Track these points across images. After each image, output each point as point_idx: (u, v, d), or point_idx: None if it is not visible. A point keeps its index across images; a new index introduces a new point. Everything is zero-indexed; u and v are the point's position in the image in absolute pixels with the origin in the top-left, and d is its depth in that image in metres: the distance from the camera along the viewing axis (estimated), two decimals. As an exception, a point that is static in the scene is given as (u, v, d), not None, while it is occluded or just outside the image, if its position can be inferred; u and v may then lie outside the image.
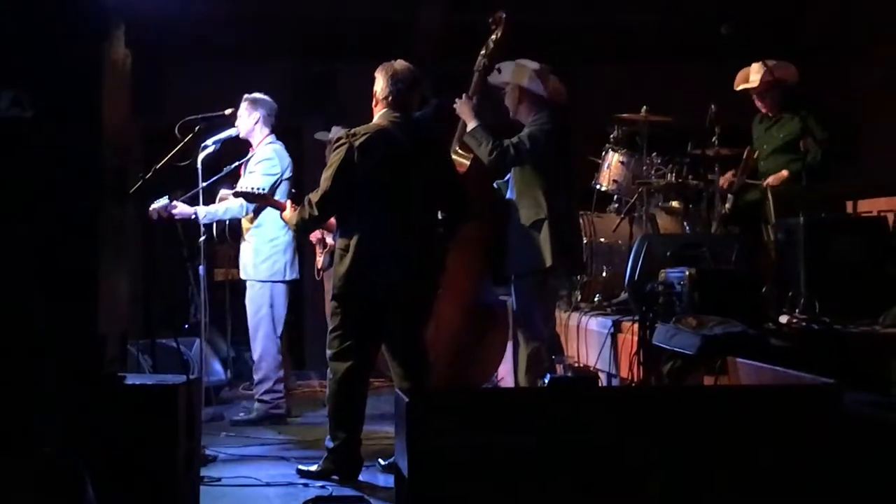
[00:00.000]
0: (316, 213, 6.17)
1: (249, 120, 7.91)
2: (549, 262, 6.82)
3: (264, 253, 7.91)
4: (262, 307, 7.94)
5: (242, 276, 8.04)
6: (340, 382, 6.14)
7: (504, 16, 7.20)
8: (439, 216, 6.39)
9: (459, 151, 7.27)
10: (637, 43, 11.18)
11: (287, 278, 8.00)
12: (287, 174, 7.91)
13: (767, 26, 10.13)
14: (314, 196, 6.16)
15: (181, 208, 7.58)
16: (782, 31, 10.60)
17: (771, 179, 7.91)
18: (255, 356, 8.02)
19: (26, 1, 4.60)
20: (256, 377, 8.04)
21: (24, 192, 4.52)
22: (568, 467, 4.16)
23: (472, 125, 6.99)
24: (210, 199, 7.73)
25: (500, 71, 7.16)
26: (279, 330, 7.99)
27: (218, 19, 10.40)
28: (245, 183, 7.43)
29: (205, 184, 7.40)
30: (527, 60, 7.13)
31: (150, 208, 7.50)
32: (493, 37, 7.22)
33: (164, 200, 7.53)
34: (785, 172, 7.89)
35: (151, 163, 6.27)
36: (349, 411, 6.18)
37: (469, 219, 6.52)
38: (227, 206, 7.78)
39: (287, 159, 7.97)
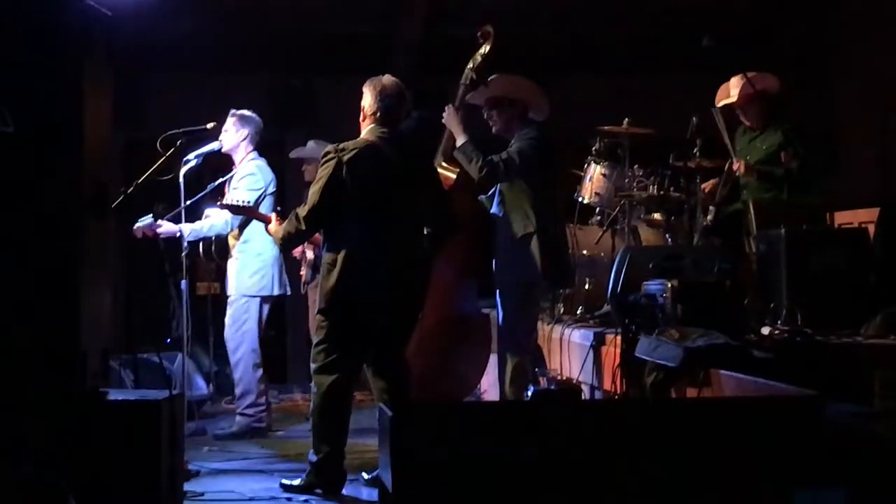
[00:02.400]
0: (303, 227, 6.16)
1: (237, 136, 7.90)
2: (536, 276, 6.82)
3: (252, 267, 7.91)
4: (247, 322, 7.94)
5: (229, 291, 8.02)
6: (325, 396, 6.13)
7: (492, 30, 7.20)
8: (425, 231, 6.39)
9: (445, 165, 7.27)
10: (618, 55, 11.22)
11: (275, 293, 8.01)
12: (271, 189, 7.91)
13: (746, 38, 10.17)
14: (302, 210, 6.15)
15: (166, 226, 7.55)
16: (761, 43, 10.63)
17: (740, 166, 7.90)
18: (237, 371, 8.00)
19: (7, 16, 4.59)
20: (238, 391, 8.02)
21: (6, 207, 4.51)
22: (552, 480, 4.15)
23: (461, 140, 6.95)
24: (193, 215, 7.70)
25: (487, 85, 7.14)
26: (257, 344, 7.99)
27: (198, 33, 10.41)
28: (230, 197, 7.42)
29: (188, 202, 7.39)
30: (513, 75, 7.15)
31: (135, 227, 7.49)
32: (482, 51, 7.20)
33: (148, 219, 7.51)
34: (748, 161, 7.90)
35: (133, 177, 6.25)
36: (333, 425, 6.17)
37: (453, 234, 6.53)
38: (211, 222, 7.77)
39: (270, 175, 7.98)
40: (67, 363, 4.52)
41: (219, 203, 7.28)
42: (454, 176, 7.20)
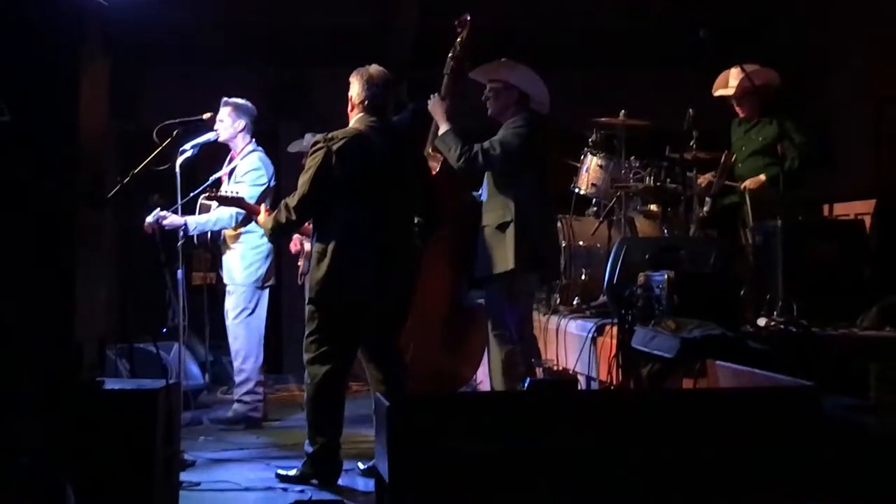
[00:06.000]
0: (294, 217, 6.16)
1: (234, 126, 7.89)
2: (511, 265, 6.81)
3: (249, 258, 7.92)
4: (245, 311, 7.95)
5: (226, 280, 8.03)
6: (319, 386, 6.14)
7: (469, 18, 7.23)
8: (415, 220, 6.39)
9: (431, 154, 7.27)
10: (615, 47, 11.21)
11: (267, 284, 8.01)
12: (272, 183, 7.91)
13: (742, 31, 10.16)
14: (291, 200, 6.15)
15: (171, 219, 7.54)
16: (756, 37, 10.63)
17: (749, 183, 7.94)
18: (237, 359, 8.01)
19: (2, 5, 4.58)
20: (238, 379, 8.02)
21: (1, 197, 4.50)
22: (548, 471, 4.16)
23: (443, 129, 6.97)
24: (189, 207, 7.70)
25: (468, 72, 7.16)
26: (261, 333, 8.00)
27: (194, 24, 10.39)
28: (228, 190, 7.42)
29: (192, 194, 7.40)
30: (519, 64, 7.15)
31: (146, 223, 7.48)
32: (459, 39, 7.24)
33: (156, 212, 7.51)
34: (762, 177, 7.90)
35: (128, 167, 6.24)
36: (328, 415, 6.18)
37: (442, 224, 6.53)
38: (217, 215, 7.77)
39: (272, 168, 7.99)
40: (64, 353, 4.51)
41: (208, 194, 7.28)
42: (437, 165, 7.20)
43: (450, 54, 7.24)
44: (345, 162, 6.05)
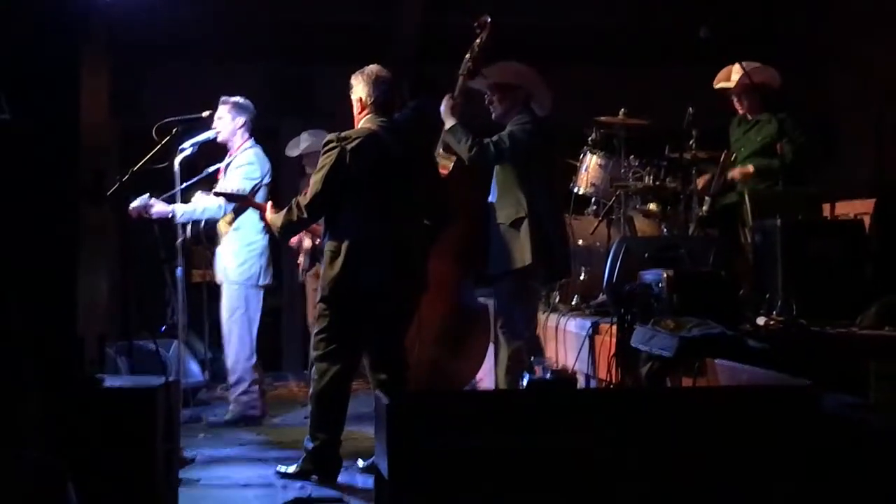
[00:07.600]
0: (305, 215, 6.17)
1: (233, 125, 7.89)
2: (528, 261, 6.81)
3: (242, 256, 7.90)
4: (238, 309, 7.93)
5: (219, 278, 8.03)
6: (325, 384, 6.14)
7: (489, 20, 7.22)
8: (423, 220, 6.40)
9: (442, 154, 7.27)
10: (615, 46, 11.22)
11: (261, 283, 7.99)
12: (266, 179, 7.90)
13: (743, 29, 10.17)
14: (303, 199, 6.15)
15: (158, 207, 7.54)
16: (759, 35, 10.63)
17: (736, 172, 7.93)
18: (230, 358, 8.01)
19: (4, 2, 4.58)
20: (231, 379, 8.03)
21: (2, 195, 4.50)
22: (547, 469, 4.16)
23: (449, 123, 6.98)
24: (187, 202, 7.71)
25: (484, 75, 7.16)
26: (253, 332, 7.99)
27: (195, 21, 10.40)
28: (225, 185, 7.42)
29: (183, 185, 7.38)
30: (520, 63, 7.15)
31: (131, 207, 7.47)
32: (478, 41, 7.23)
33: (144, 198, 7.50)
34: (751, 167, 7.91)
35: (129, 164, 6.25)
36: (332, 413, 6.18)
37: (448, 223, 6.53)
38: (204, 205, 7.75)
39: (267, 164, 7.97)
40: (64, 349, 4.51)
41: (213, 191, 7.28)
42: (451, 164, 7.20)
43: (467, 55, 7.23)
44: (359, 161, 6.06)
